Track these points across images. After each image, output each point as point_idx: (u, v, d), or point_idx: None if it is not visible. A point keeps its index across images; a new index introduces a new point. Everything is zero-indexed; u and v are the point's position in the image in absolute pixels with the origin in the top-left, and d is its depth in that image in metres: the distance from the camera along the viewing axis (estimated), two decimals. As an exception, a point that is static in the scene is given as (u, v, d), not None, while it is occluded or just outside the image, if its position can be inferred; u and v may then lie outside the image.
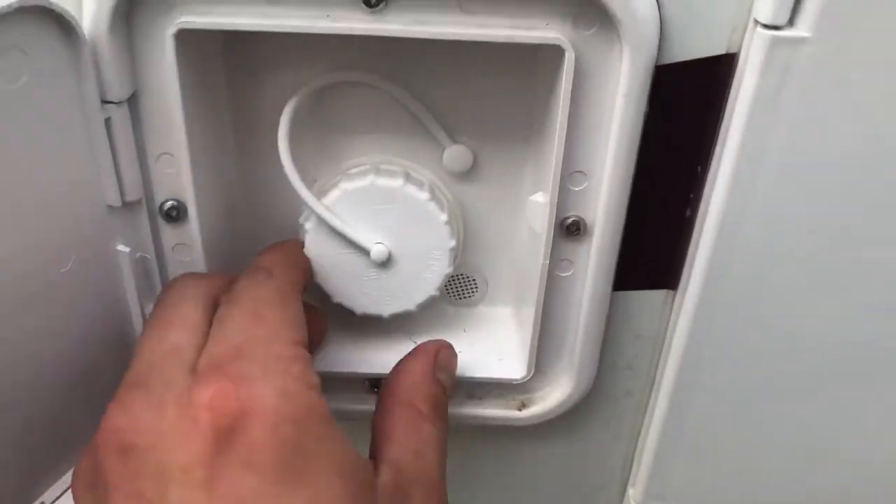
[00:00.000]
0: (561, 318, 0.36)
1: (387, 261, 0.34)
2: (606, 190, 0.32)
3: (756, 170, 0.31)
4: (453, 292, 0.39)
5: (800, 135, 0.30)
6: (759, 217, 0.32)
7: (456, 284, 0.39)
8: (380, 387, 0.32)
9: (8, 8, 0.25)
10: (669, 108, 0.31)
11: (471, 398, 0.39)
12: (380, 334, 0.38)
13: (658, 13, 0.29)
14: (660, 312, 0.37)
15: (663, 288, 0.36)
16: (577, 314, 0.36)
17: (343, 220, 0.33)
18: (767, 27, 0.28)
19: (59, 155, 0.29)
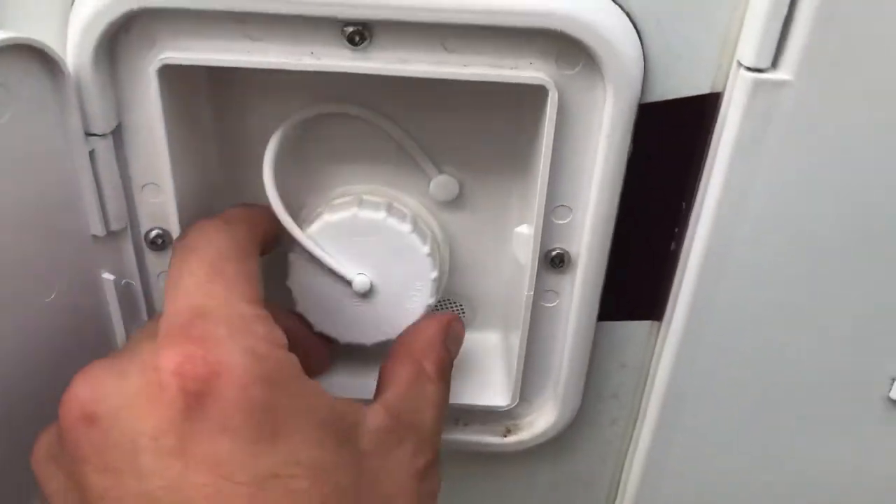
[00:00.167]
0: (546, 348, 0.36)
1: (369, 291, 0.34)
2: (591, 224, 0.32)
3: (739, 207, 0.31)
4: (440, 318, 0.39)
5: (782, 174, 0.30)
6: (743, 252, 0.32)
7: (443, 310, 0.39)
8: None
9: (-8, 46, 0.25)
10: (653, 146, 0.31)
11: (456, 423, 0.39)
12: (362, 362, 0.37)
13: (641, 52, 0.29)
14: (645, 343, 0.37)
15: (648, 319, 0.36)
16: (563, 344, 0.36)
17: (326, 251, 0.33)
18: (750, 69, 0.28)
19: (44, 186, 0.29)
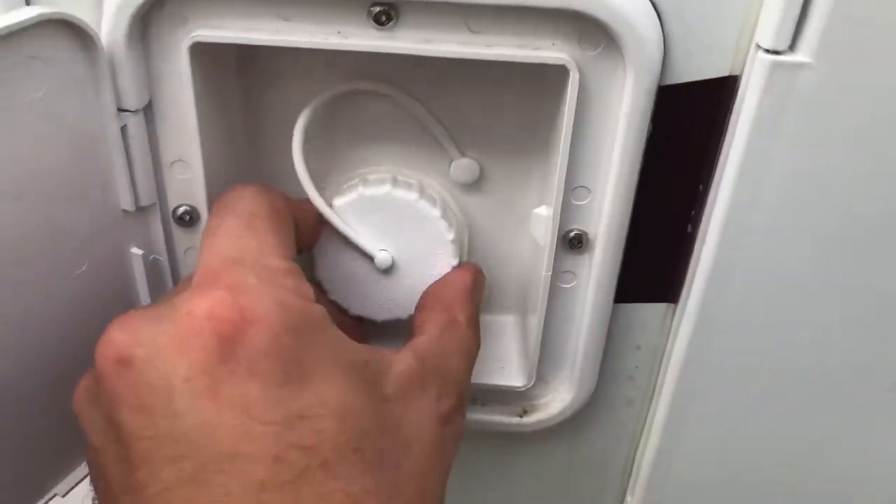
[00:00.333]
0: (563, 329, 0.37)
1: (390, 268, 0.35)
2: (609, 205, 0.33)
3: (756, 189, 0.31)
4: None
5: (799, 156, 0.30)
6: (759, 234, 0.32)
7: None
8: None
9: (30, 21, 0.26)
10: (672, 128, 0.31)
11: (473, 403, 0.40)
12: (380, 341, 0.38)
13: (661, 35, 0.29)
14: (661, 325, 0.37)
15: (664, 301, 0.37)
16: (579, 325, 0.36)
17: (352, 227, 0.34)
18: (769, 52, 0.28)
19: (77, 160, 0.30)
